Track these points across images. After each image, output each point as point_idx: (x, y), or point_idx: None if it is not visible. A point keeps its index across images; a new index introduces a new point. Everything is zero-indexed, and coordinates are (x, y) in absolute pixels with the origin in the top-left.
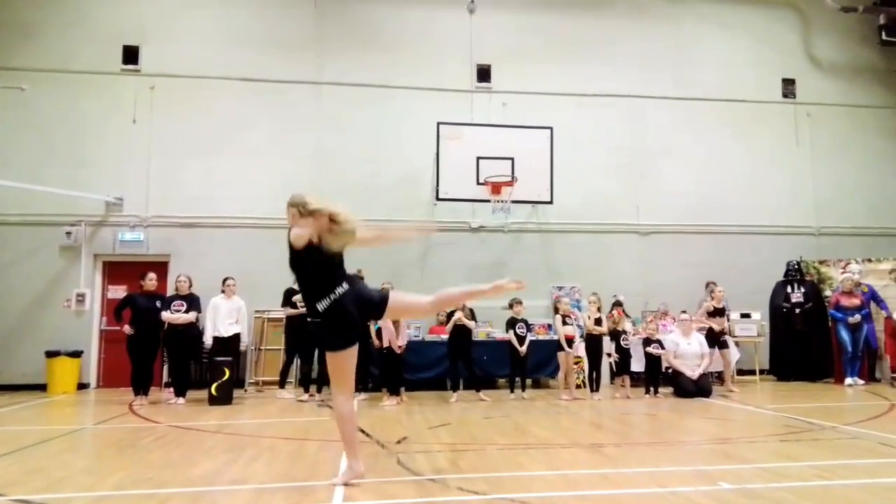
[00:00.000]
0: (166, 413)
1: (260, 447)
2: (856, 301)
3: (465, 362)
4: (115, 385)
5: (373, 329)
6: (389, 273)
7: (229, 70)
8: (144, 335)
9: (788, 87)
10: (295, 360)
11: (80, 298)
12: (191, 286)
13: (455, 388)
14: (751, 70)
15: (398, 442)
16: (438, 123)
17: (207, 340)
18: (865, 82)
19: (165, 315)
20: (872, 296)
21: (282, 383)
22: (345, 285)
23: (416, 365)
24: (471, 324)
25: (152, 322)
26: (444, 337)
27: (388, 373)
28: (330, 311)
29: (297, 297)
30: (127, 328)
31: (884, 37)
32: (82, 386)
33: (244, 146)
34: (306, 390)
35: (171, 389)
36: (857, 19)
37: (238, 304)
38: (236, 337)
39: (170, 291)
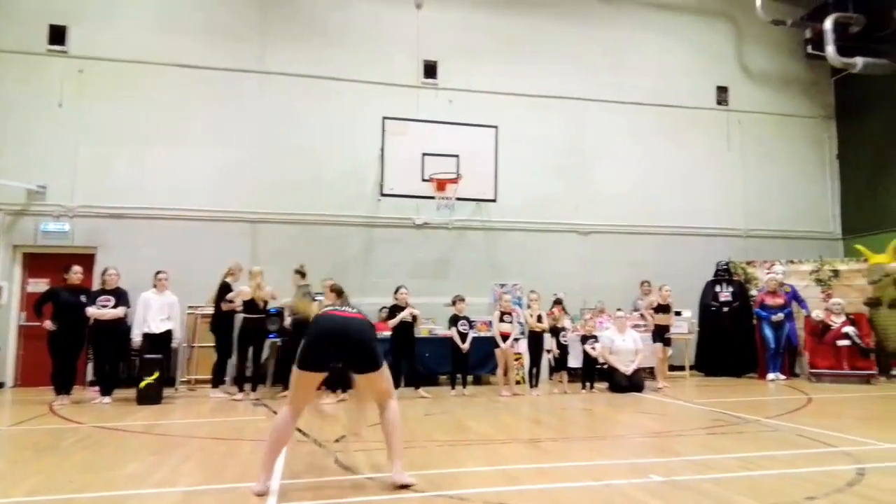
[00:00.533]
0: (90, 413)
1: (190, 448)
2: (779, 300)
3: (408, 359)
4: (35, 384)
5: None
6: (331, 270)
7: (166, 56)
8: (67, 331)
9: (722, 94)
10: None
11: None
12: (119, 280)
13: (396, 385)
14: (687, 77)
15: (336, 440)
16: (384, 118)
17: (136, 337)
18: (792, 93)
19: (91, 311)
20: (794, 296)
21: (215, 382)
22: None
23: None
24: (407, 314)
25: (76, 318)
26: (387, 334)
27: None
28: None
29: (232, 294)
30: (48, 324)
31: (809, 50)
32: None
33: (180, 135)
34: (240, 389)
35: (96, 388)
36: (785, 32)
37: (170, 299)
38: (168, 333)
39: (96, 285)
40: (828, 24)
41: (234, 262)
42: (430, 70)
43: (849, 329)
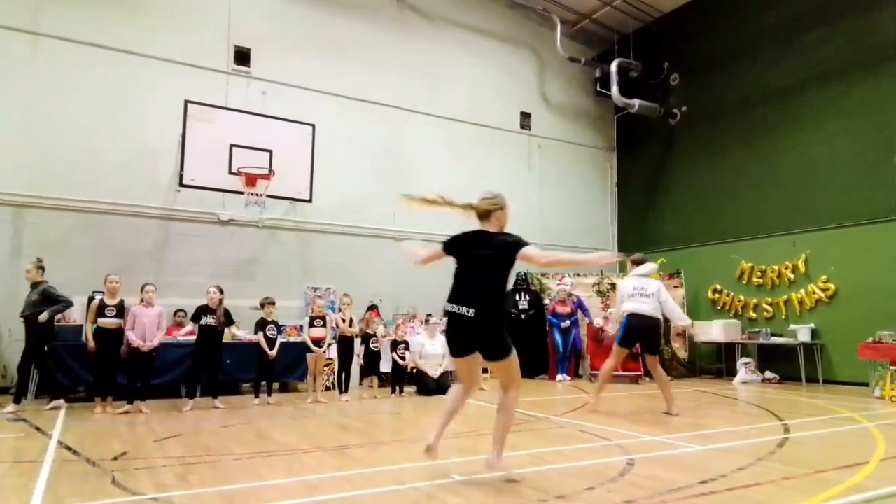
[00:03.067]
0: None
1: None
2: (567, 309)
3: (212, 369)
4: None
5: (90, 329)
6: (117, 265)
7: None
8: None
9: (525, 119)
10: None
11: None
12: None
13: (192, 396)
14: (496, 99)
15: (115, 458)
16: (186, 101)
17: None
18: (583, 124)
19: None
20: (580, 305)
21: None
22: None
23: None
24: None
25: None
26: (182, 339)
27: (134, 377)
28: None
29: None
30: None
31: (598, 88)
32: None
33: None
34: None
35: None
36: (579, 70)
37: None
38: None
39: None
40: (613, 66)
41: None
42: (243, 57)
43: None
